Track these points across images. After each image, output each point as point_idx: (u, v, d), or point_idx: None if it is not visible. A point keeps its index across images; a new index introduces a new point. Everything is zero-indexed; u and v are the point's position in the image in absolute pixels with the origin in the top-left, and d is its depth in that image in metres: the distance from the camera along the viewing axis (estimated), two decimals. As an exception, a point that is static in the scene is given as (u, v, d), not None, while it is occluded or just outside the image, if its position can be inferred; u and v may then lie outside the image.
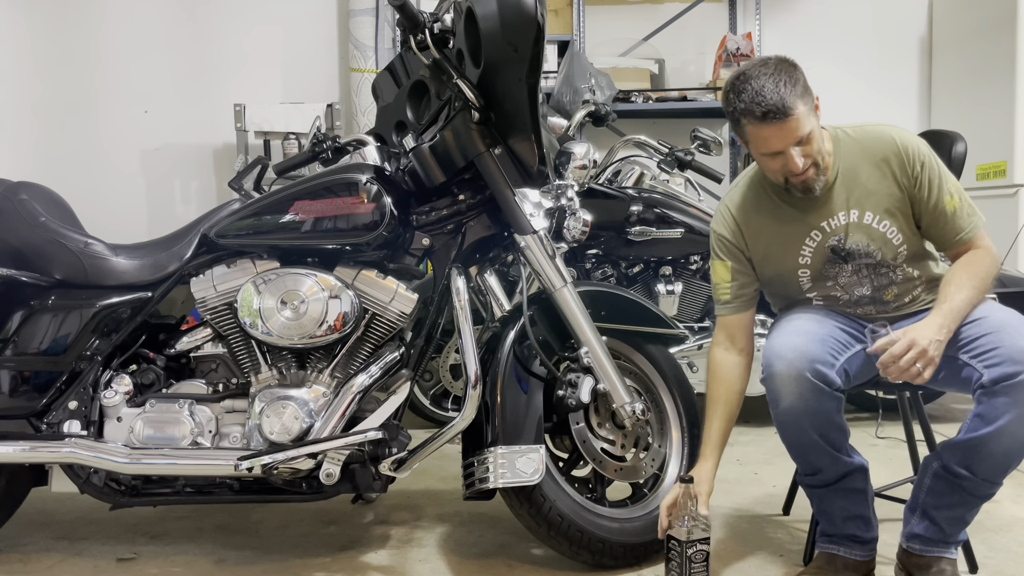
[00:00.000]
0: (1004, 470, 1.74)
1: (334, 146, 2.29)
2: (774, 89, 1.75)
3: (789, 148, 1.79)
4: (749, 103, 1.77)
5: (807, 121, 1.78)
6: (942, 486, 1.80)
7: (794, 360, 1.78)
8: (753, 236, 1.99)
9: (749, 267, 2.02)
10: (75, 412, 2.04)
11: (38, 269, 2.06)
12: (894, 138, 1.89)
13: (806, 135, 1.79)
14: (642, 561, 2.07)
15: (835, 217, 1.91)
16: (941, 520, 1.82)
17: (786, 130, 1.77)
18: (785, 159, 1.81)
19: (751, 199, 2.00)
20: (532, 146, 1.95)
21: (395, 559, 2.15)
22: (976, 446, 1.72)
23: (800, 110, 1.76)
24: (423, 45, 1.97)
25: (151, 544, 2.28)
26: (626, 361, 2.23)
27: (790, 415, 1.80)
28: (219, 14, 4.69)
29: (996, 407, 1.69)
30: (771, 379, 1.82)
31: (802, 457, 1.88)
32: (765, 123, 1.77)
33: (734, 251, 2.02)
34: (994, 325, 1.76)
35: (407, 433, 2.07)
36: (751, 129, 1.81)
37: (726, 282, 2.02)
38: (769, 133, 1.78)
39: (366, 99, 4.25)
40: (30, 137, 4.64)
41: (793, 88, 1.77)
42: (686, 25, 4.68)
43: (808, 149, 1.81)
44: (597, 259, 3.21)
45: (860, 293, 1.96)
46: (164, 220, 4.55)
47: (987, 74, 4.20)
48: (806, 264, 1.96)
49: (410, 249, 2.06)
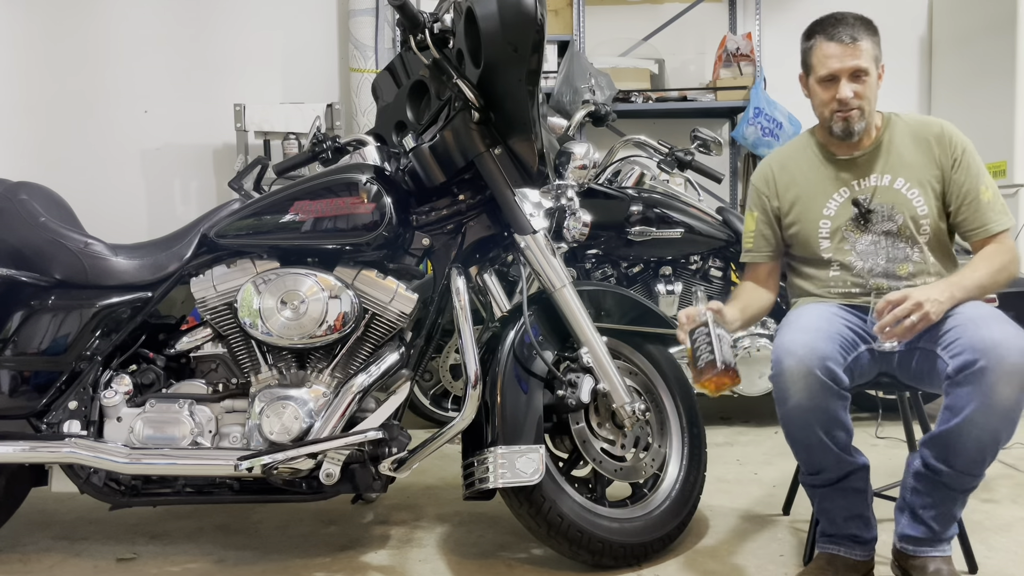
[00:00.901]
0: (980, 461, 1.74)
1: (334, 146, 2.29)
2: (853, 20, 1.98)
3: (844, 77, 1.96)
4: (825, 22, 2.00)
5: (868, 61, 1.96)
6: (924, 484, 1.81)
7: (804, 356, 1.79)
8: (786, 184, 2.12)
9: (773, 220, 2.14)
10: (75, 412, 2.04)
11: (38, 269, 2.06)
12: (941, 124, 2.04)
13: (863, 70, 1.96)
14: (642, 561, 2.07)
15: (867, 179, 2.03)
16: (928, 518, 1.82)
17: (848, 53, 1.95)
18: (837, 88, 1.96)
19: (793, 152, 2.16)
20: (532, 146, 1.95)
21: (395, 559, 2.15)
22: (948, 439, 1.73)
23: (865, 46, 1.96)
24: (423, 45, 1.97)
25: (151, 544, 2.29)
26: (626, 361, 2.23)
27: (797, 412, 1.81)
28: (219, 14, 4.70)
29: (960, 397, 1.71)
30: (780, 376, 1.81)
31: (806, 455, 1.88)
32: (832, 41, 1.97)
33: (762, 201, 2.15)
34: (963, 319, 1.79)
35: (407, 433, 2.07)
36: (819, 47, 1.99)
37: (751, 231, 2.19)
38: (833, 51, 1.96)
39: (366, 99, 4.25)
40: (30, 137, 4.64)
41: (867, 30, 1.98)
42: (686, 25, 4.68)
43: (859, 89, 1.96)
44: (597, 259, 3.21)
45: (874, 263, 2.01)
46: (164, 220, 4.55)
47: (987, 74, 4.20)
48: (829, 216, 2.04)
49: (410, 249, 2.06)
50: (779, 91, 4.39)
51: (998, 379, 1.66)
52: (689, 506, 2.16)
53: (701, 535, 2.26)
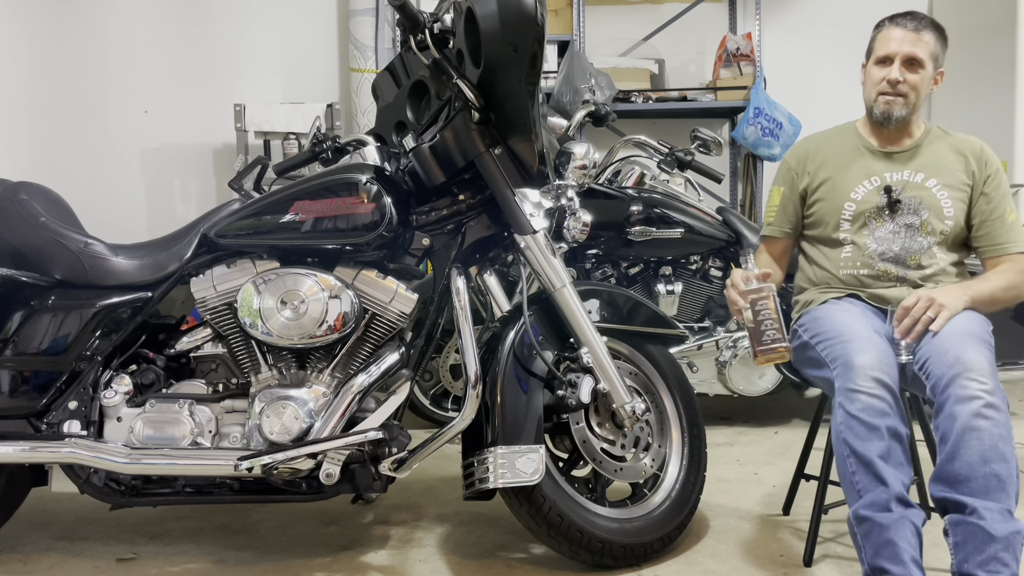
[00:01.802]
0: (996, 485, 1.63)
1: (334, 146, 2.29)
2: (924, 17, 2.07)
3: (899, 60, 2.02)
4: (897, 13, 2.08)
5: (925, 53, 2.02)
6: (961, 532, 1.65)
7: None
8: (819, 164, 2.15)
9: (798, 199, 2.17)
10: (75, 412, 2.04)
11: (38, 269, 2.06)
12: (980, 143, 2.10)
13: (919, 60, 2.02)
14: (642, 561, 2.07)
15: (901, 173, 2.07)
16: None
17: (908, 40, 2.02)
18: (890, 69, 2.02)
19: (833, 136, 2.19)
20: (532, 146, 1.95)
21: (395, 559, 2.15)
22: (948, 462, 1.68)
23: (928, 39, 2.03)
24: (423, 45, 1.97)
25: (151, 544, 2.29)
26: (626, 361, 2.23)
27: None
28: (219, 14, 4.69)
29: (943, 422, 1.70)
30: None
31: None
32: (897, 25, 2.04)
33: (790, 177, 2.18)
34: (942, 336, 1.80)
35: (407, 433, 2.07)
36: (884, 31, 2.07)
37: (774, 206, 2.21)
38: (895, 35, 2.04)
39: (366, 99, 4.25)
40: (30, 137, 4.64)
41: (935, 29, 2.06)
42: (686, 25, 4.68)
43: (912, 78, 2.02)
44: (597, 259, 3.21)
45: (888, 248, 2.04)
46: (164, 220, 4.54)
47: (987, 74, 4.20)
48: (855, 200, 2.07)
49: (410, 249, 2.06)
50: (779, 91, 4.39)
51: (963, 407, 1.66)
52: (689, 506, 2.16)
53: (701, 535, 2.26)
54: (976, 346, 1.75)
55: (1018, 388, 3.92)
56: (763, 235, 2.25)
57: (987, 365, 1.72)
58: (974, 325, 1.83)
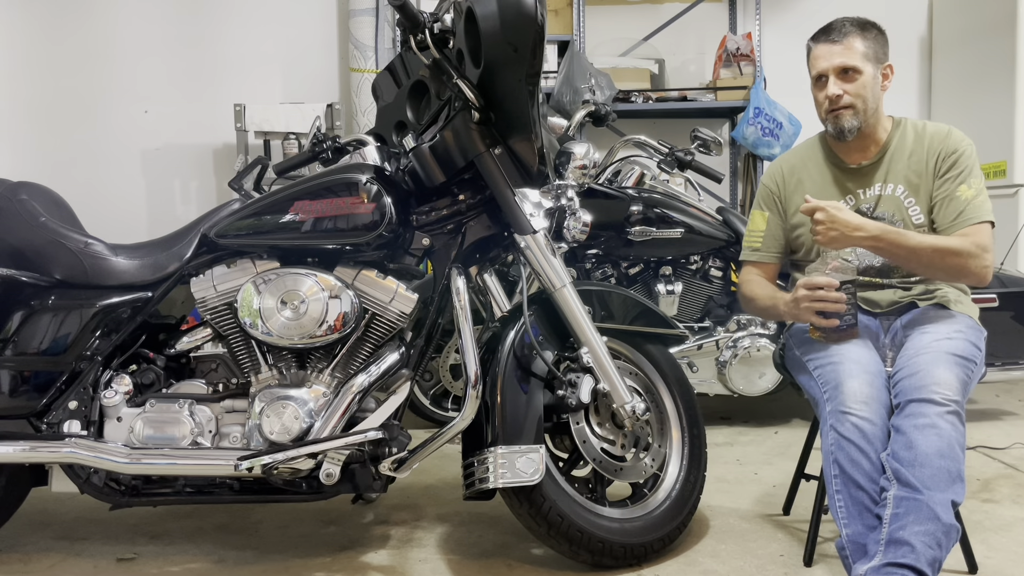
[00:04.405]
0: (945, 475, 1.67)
1: (334, 146, 2.29)
2: (843, 21, 2.01)
3: (831, 75, 1.99)
4: (819, 29, 2.04)
5: (857, 59, 1.98)
6: (905, 505, 1.68)
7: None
8: (794, 186, 2.15)
9: (781, 222, 2.17)
10: (75, 412, 2.04)
11: (38, 269, 2.06)
12: (948, 128, 2.05)
13: (851, 68, 1.98)
14: (642, 561, 2.07)
15: (872, 188, 2.06)
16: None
17: (835, 53, 1.99)
18: (828, 87, 2.00)
19: (804, 155, 2.18)
20: (532, 146, 1.95)
21: (395, 559, 2.16)
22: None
23: (856, 45, 1.98)
24: (423, 45, 1.97)
25: (151, 544, 2.29)
26: (626, 361, 2.23)
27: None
28: (219, 14, 4.70)
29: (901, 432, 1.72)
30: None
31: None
32: (820, 43, 2.02)
33: (772, 201, 2.18)
34: (913, 352, 1.82)
35: (407, 433, 2.07)
36: (811, 52, 2.05)
37: (760, 230, 2.19)
38: (820, 52, 2.02)
39: (366, 99, 4.26)
40: (30, 137, 4.64)
41: (861, 30, 2.00)
42: (686, 25, 4.68)
43: (851, 87, 1.99)
44: (597, 259, 3.21)
45: (870, 262, 2.05)
46: (164, 220, 4.56)
47: (987, 74, 4.20)
48: None
49: (410, 249, 2.06)
50: (779, 91, 4.39)
51: (927, 408, 1.69)
52: (689, 506, 2.16)
53: (701, 535, 2.26)
54: (948, 364, 1.77)
55: (1018, 388, 3.92)
56: (752, 260, 2.21)
57: (956, 383, 1.74)
58: (956, 344, 1.83)
